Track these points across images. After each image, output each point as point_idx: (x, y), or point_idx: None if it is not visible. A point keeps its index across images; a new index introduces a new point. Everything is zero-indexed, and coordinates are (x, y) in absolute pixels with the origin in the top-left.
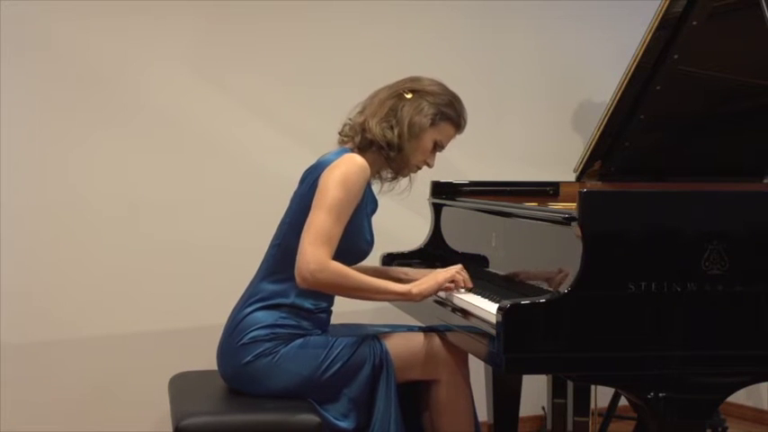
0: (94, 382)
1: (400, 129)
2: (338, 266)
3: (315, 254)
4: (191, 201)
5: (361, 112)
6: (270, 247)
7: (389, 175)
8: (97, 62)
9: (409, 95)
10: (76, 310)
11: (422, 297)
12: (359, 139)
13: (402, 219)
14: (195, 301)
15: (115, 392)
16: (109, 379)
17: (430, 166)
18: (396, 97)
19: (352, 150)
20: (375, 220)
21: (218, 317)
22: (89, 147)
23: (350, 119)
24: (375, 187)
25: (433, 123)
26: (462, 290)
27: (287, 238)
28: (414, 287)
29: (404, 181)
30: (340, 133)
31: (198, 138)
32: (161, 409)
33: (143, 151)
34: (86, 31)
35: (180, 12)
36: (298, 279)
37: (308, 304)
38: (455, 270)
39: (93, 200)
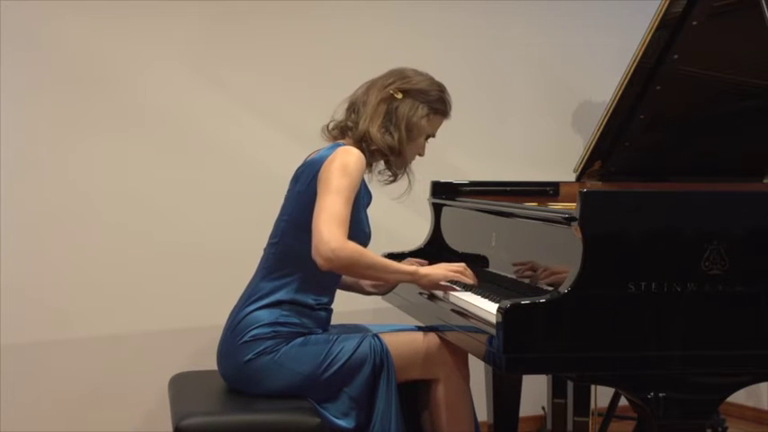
0: (94, 382)
1: (399, 134)
2: (354, 244)
3: (332, 233)
4: (191, 200)
5: (350, 112)
6: (268, 245)
7: (389, 178)
8: (97, 62)
9: (400, 96)
10: (76, 310)
11: (428, 280)
12: (354, 141)
13: (402, 219)
14: (195, 301)
15: (115, 392)
16: (109, 379)
17: (422, 155)
18: (388, 99)
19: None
20: (375, 219)
21: (218, 317)
22: (88, 147)
23: (336, 119)
24: (367, 177)
25: (428, 121)
26: (458, 289)
27: (285, 236)
28: (421, 269)
29: (403, 182)
30: (329, 131)
31: (198, 137)
32: (161, 409)
33: (143, 151)
34: (86, 31)
35: (180, 11)
36: (318, 260)
37: (309, 299)
38: (462, 265)
39: (92, 200)
